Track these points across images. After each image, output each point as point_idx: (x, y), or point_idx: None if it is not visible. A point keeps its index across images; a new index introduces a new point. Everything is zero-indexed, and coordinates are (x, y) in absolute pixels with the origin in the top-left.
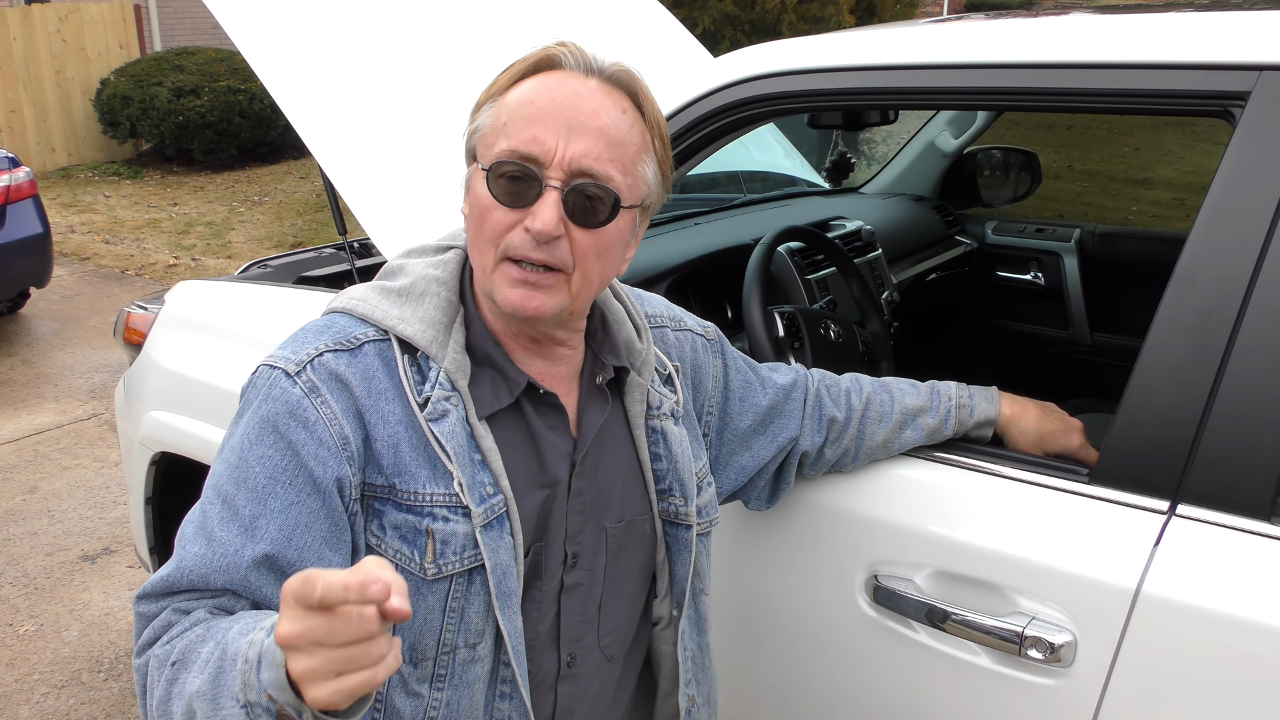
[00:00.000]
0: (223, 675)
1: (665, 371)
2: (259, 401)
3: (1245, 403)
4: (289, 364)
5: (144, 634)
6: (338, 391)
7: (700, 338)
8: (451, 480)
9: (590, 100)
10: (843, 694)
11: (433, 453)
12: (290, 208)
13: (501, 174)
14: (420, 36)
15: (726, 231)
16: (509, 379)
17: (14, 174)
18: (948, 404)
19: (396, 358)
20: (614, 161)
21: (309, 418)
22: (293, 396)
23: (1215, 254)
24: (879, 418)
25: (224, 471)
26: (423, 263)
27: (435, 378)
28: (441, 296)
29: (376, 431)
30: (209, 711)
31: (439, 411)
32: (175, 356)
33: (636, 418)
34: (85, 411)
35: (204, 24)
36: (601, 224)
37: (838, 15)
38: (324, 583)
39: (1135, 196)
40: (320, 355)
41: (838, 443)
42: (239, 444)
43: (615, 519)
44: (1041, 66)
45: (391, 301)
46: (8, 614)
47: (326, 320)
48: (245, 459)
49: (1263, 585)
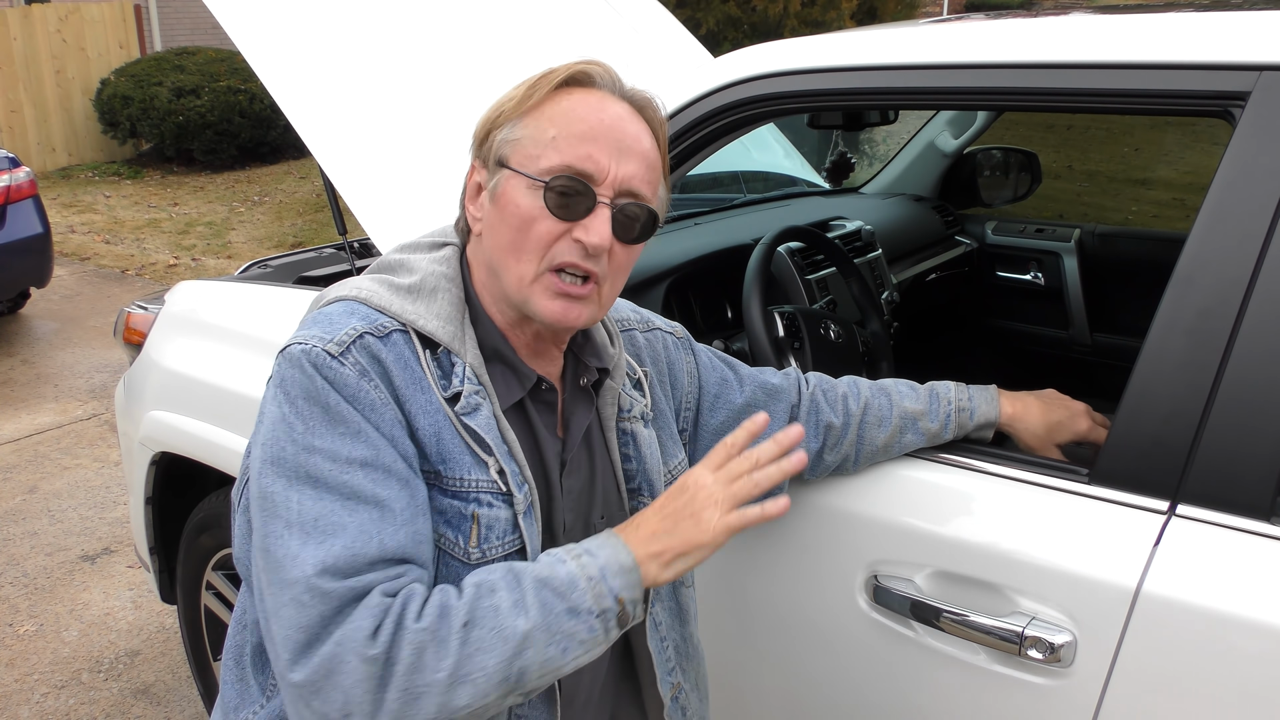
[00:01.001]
0: (553, 605)
1: (635, 375)
2: (322, 383)
3: (1245, 403)
4: (331, 344)
5: (358, 621)
6: (380, 376)
7: (670, 335)
8: (489, 469)
9: (632, 125)
10: (842, 694)
11: (468, 444)
12: (290, 208)
13: (557, 188)
14: (420, 36)
15: (726, 231)
16: (519, 374)
17: (14, 174)
18: (947, 407)
19: (419, 352)
20: (649, 183)
21: (373, 400)
22: (350, 378)
23: (1215, 254)
24: (878, 422)
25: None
26: (427, 259)
27: (462, 372)
28: (452, 294)
29: (418, 420)
30: (545, 641)
31: (472, 405)
32: (175, 356)
33: (609, 420)
34: (85, 411)
35: (204, 24)
36: (637, 240)
37: (839, 20)
38: None
39: (1135, 196)
40: (361, 337)
41: (836, 448)
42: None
43: (600, 515)
44: (1041, 66)
45: (404, 298)
46: (8, 614)
47: (346, 306)
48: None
49: (1263, 585)
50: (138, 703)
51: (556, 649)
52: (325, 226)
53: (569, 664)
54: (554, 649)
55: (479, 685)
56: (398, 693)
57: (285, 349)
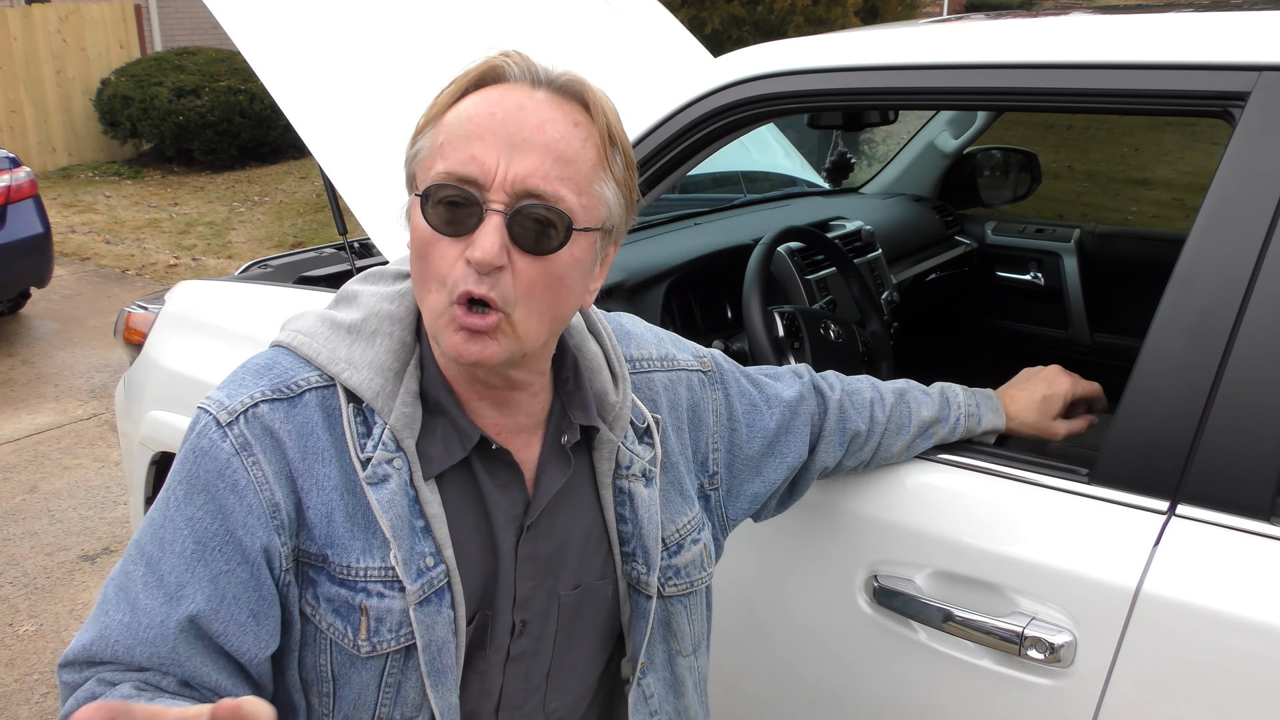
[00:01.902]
0: None
1: (644, 424)
2: (189, 453)
3: (1245, 403)
4: (222, 411)
5: (67, 705)
6: (270, 450)
7: (697, 374)
8: (389, 551)
9: (536, 113)
10: (842, 694)
11: (371, 519)
12: (290, 208)
13: (439, 199)
14: (420, 36)
15: (726, 231)
16: (461, 432)
17: (14, 174)
18: (957, 412)
19: (341, 406)
20: (565, 180)
21: (238, 481)
22: (222, 454)
23: (1215, 254)
24: (898, 430)
25: (150, 531)
26: (377, 294)
27: (379, 435)
28: (394, 337)
29: (310, 498)
30: None
31: (379, 475)
32: (176, 356)
33: (604, 476)
34: (86, 411)
35: (204, 24)
36: (553, 250)
37: (844, 18)
38: None
39: (1135, 196)
40: (255, 406)
41: (857, 454)
42: (165, 499)
43: (571, 584)
44: (1041, 66)
45: (340, 339)
46: (8, 614)
47: (269, 358)
48: (173, 519)
49: (1262, 585)
50: None
51: None
52: (325, 226)
53: None
54: None
55: None
56: None
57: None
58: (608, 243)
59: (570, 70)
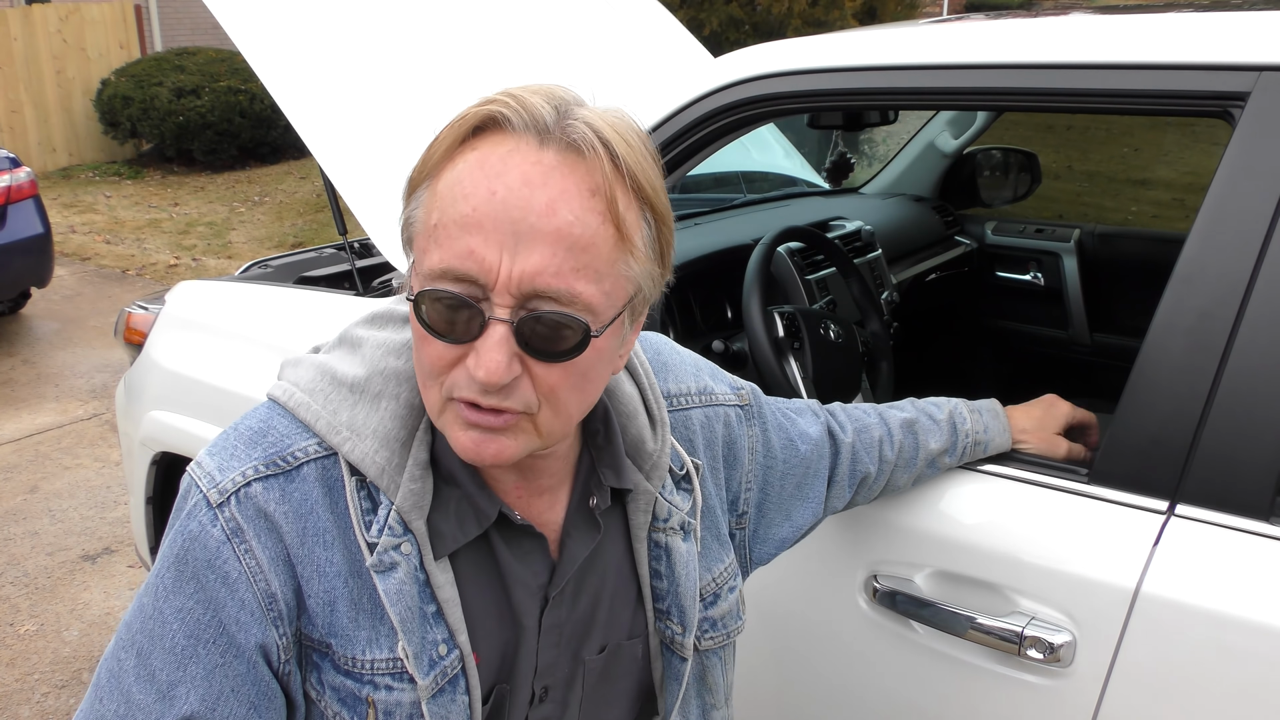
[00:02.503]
0: None
1: (682, 470)
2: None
3: (1245, 403)
4: (213, 490)
5: None
6: (265, 534)
7: (735, 409)
8: (397, 642)
9: (545, 189)
10: (842, 694)
11: (378, 603)
12: (290, 208)
13: (433, 301)
14: (420, 36)
15: (726, 231)
16: (477, 508)
17: (15, 174)
18: (965, 440)
19: (344, 479)
20: (580, 271)
21: (229, 572)
22: (212, 542)
23: (1215, 254)
24: (906, 465)
25: (139, 620)
26: (383, 347)
27: (386, 517)
28: (400, 400)
29: (310, 586)
30: None
31: (386, 563)
32: (176, 356)
33: (639, 529)
34: (86, 411)
35: (204, 24)
36: (570, 355)
37: (843, 19)
38: None
39: (1135, 197)
40: (248, 485)
41: (865, 495)
42: (155, 585)
43: (596, 648)
44: (1041, 66)
45: (343, 399)
46: (8, 614)
47: (263, 420)
48: (162, 610)
49: (1262, 585)
50: None
51: None
52: (325, 226)
53: None
54: None
55: None
56: None
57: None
58: (640, 311)
59: (585, 109)
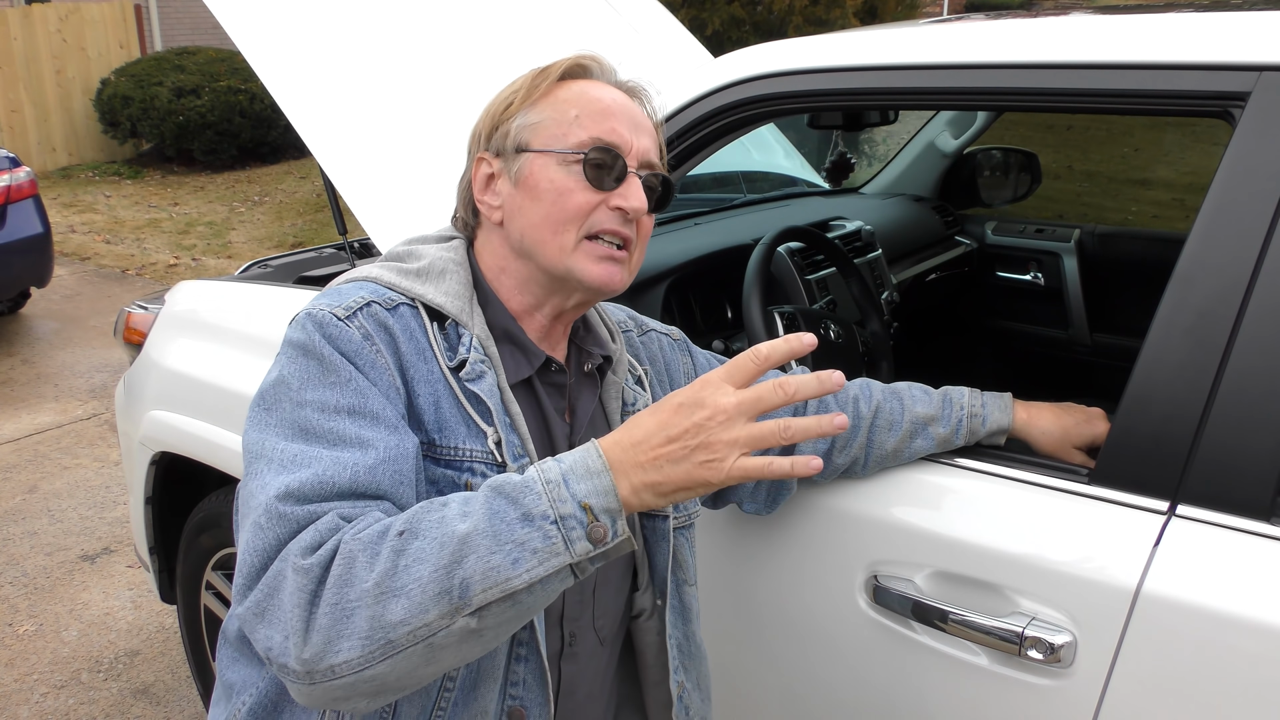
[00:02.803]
0: (502, 509)
1: (636, 373)
2: (324, 339)
3: (1245, 403)
4: (339, 309)
5: (302, 536)
6: (386, 342)
7: (665, 337)
8: (486, 439)
9: (634, 106)
10: (842, 694)
11: (467, 414)
12: (290, 208)
13: (593, 160)
14: (419, 36)
15: (726, 231)
16: (528, 353)
17: (14, 174)
18: (959, 412)
19: (426, 324)
20: (661, 157)
21: (370, 361)
22: (355, 337)
23: (1215, 254)
24: (888, 426)
25: (323, 391)
26: (435, 247)
27: (469, 343)
28: (459, 277)
29: (418, 388)
30: (490, 548)
31: (476, 372)
32: (175, 356)
33: (613, 414)
34: (85, 411)
35: (204, 24)
36: (657, 209)
37: (843, 19)
38: None
39: (1135, 197)
40: (368, 304)
41: (845, 450)
42: (323, 367)
43: None
44: (1041, 66)
45: (413, 279)
46: (7, 614)
47: (356, 285)
48: (344, 377)
49: (1262, 585)
50: (137, 703)
51: (505, 558)
52: (325, 226)
53: (521, 578)
54: (501, 557)
55: (413, 598)
56: (328, 608)
57: (294, 317)
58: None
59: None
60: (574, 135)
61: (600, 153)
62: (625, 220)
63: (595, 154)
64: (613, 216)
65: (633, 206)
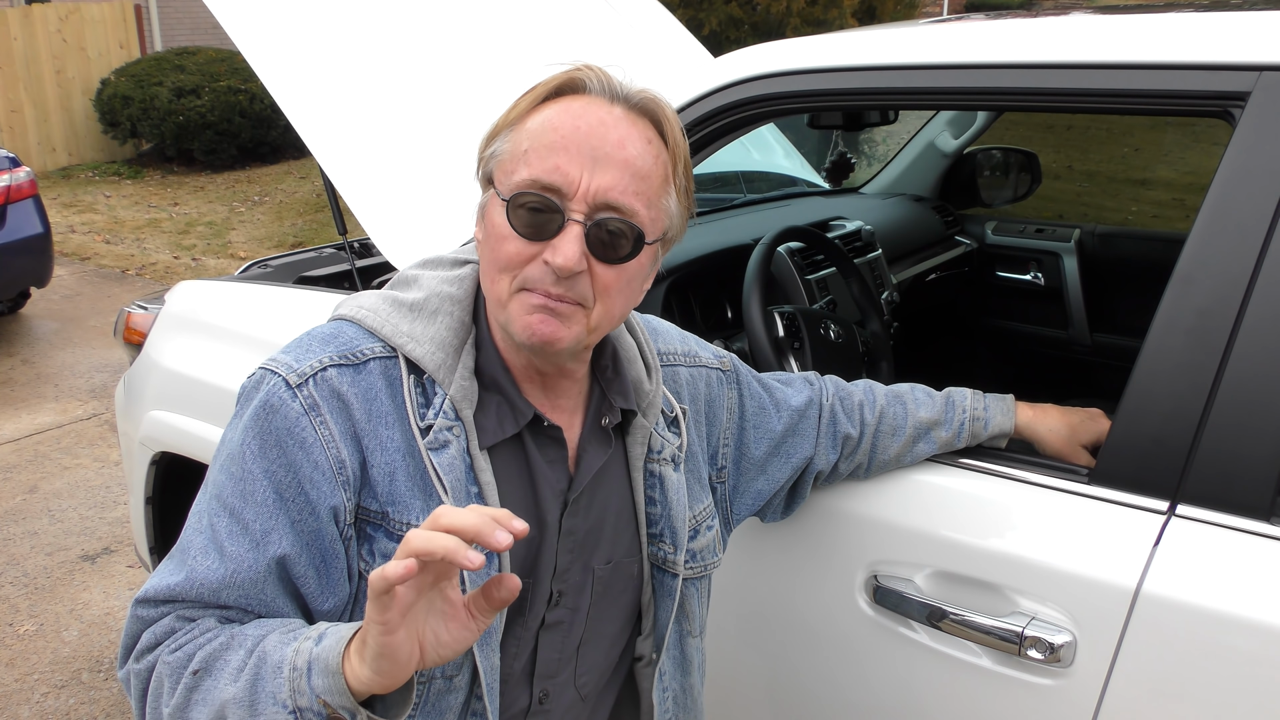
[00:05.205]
0: (261, 683)
1: (672, 414)
2: (260, 410)
3: (1245, 403)
4: (291, 374)
5: (142, 638)
6: (337, 411)
7: (715, 371)
8: None
9: (616, 130)
10: (842, 694)
11: (429, 483)
12: (290, 208)
13: (521, 204)
14: (420, 36)
15: (726, 231)
16: (515, 408)
17: (14, 174)
18: (962, 415)
19: (402, 377)
20: (638, 195)
21: (306, 439)
22: (292, 413)
23: (1215, 254)
24: (892, 431)
25: (227, 482)
26: (437, 277)
27: (440, 405)
28: (454, 316)
29: (374, 458)
30: (245, 716)
31: (440, 441)
32: (175, 356)
33: (636, 460)
34: (85, 411)
35: (204, 24)
36: (624, 259)
37: (841, 19)
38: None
39: (1135, 197)
40: (324, 370)
41: (851, 458)
42: (241, 453)
43: (604, 560)
44: (1041, 66)
45: (403, 316)
46: (8, 614)
47: (333, 328)
48: (249, 471)
49: (1262, 585)
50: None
51: None
52: (325, 226)
53: None
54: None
55: None
56: (152, 713)
57: (253, 370)
58: (665, 250)
59: (646, 89)
60: (518, 173)
61: (531, 196)
62: (555, 278)
63: (524, 197)
64: (543, 273)
65: (556, 264)
